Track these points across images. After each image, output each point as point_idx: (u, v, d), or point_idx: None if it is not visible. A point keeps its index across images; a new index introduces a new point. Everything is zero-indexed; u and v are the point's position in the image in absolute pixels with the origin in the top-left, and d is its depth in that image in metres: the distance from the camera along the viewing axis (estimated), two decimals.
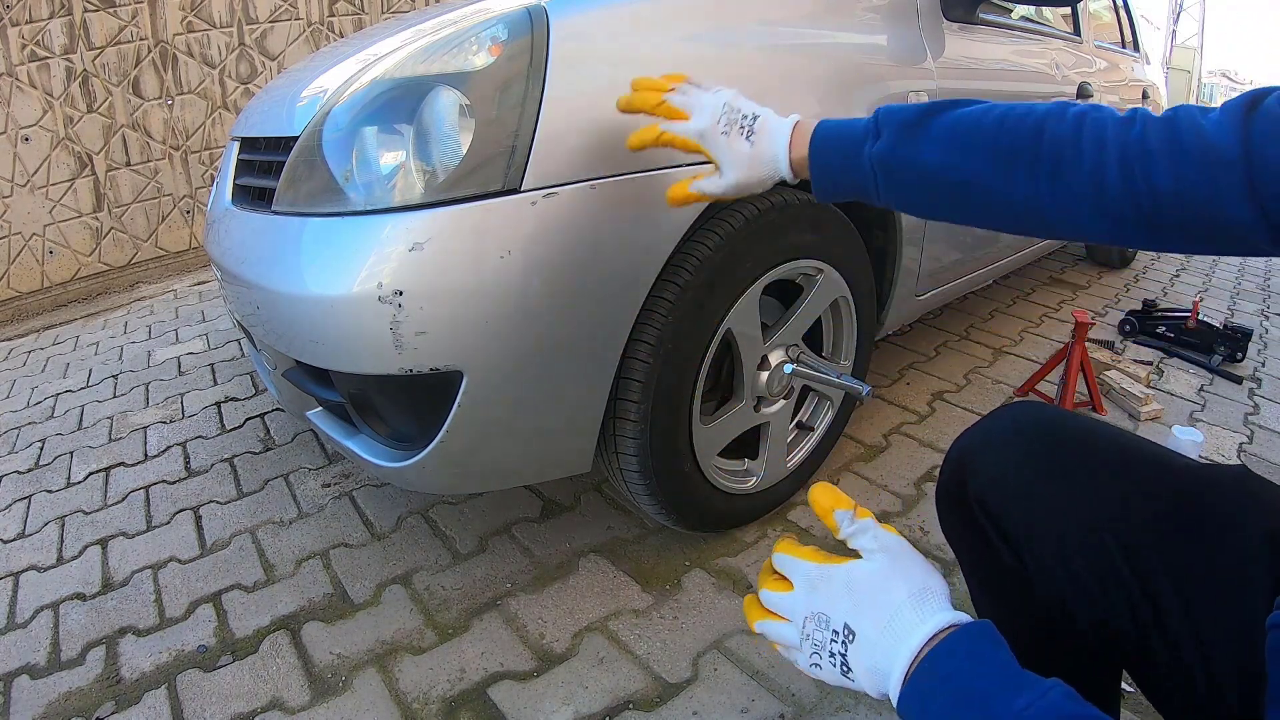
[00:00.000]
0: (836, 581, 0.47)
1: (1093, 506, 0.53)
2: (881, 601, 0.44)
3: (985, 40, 1.58)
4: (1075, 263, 3.12)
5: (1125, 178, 0.50)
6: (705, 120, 0.70)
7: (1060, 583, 0.54)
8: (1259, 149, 0.44)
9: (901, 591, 0.44)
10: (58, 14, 3.01)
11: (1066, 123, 0.53)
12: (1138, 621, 0.52)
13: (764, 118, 0.69)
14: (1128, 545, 0.52)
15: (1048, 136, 0.53)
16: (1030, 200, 0.54)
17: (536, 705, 0.95)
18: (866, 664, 0.44)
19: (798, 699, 0.94)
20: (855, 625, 0.44)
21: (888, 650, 0.43)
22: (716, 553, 1.22)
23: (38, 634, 1.14)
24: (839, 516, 0.48)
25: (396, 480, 0.98)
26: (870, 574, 0.46)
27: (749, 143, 0.68)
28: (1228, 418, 1.78)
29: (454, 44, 0.88)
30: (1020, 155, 0.54)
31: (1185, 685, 0.51)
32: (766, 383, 1.16)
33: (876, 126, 0.62)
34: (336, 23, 3.82)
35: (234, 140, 1.26)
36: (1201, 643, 0.49)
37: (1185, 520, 0.52)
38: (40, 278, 3.16)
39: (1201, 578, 0.50)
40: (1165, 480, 0.54)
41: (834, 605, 0.46)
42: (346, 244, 0.84)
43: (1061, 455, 0.56)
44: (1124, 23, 2.89)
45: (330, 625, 1.10)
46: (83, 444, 1.76)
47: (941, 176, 0.58)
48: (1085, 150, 0.52)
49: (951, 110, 0.59)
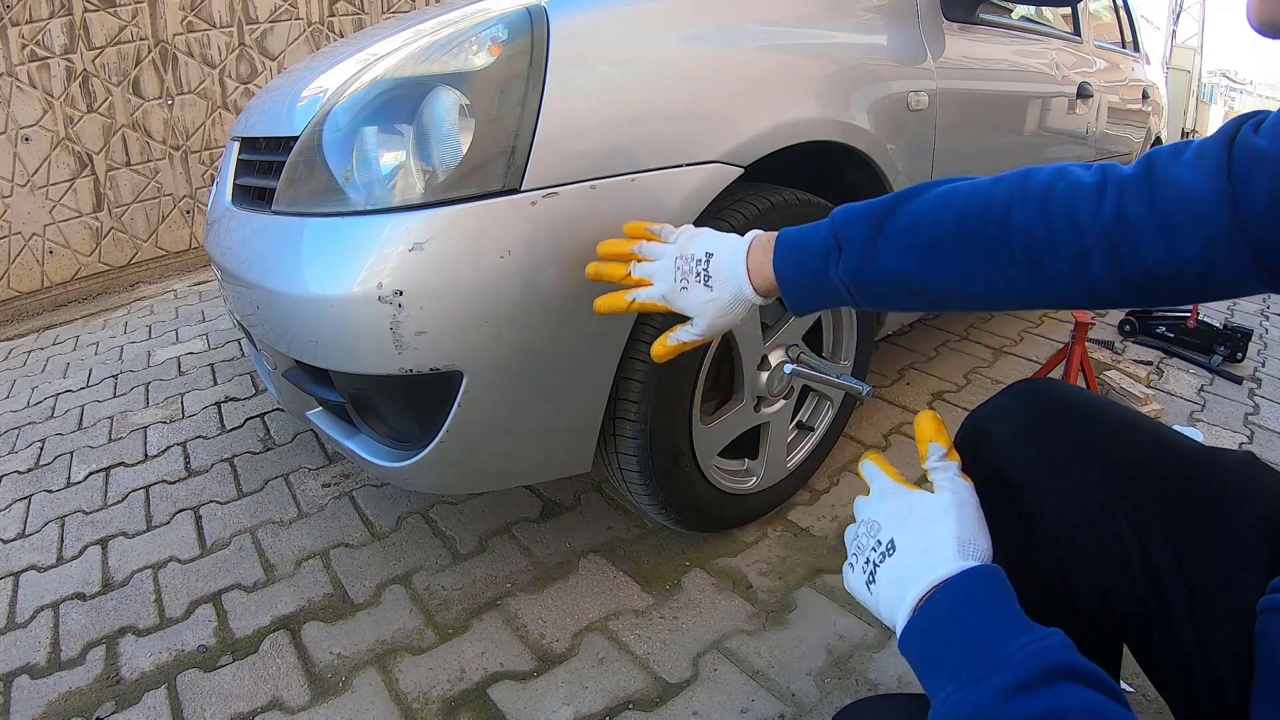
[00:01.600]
0: (901, 500, 0.50)
1: (1101, 481, 0.54)
2: (930, 531, 0.47)
3: (985, 40, 1.58)
4: None
5: (1112, 263, 0.49)
6: (665, 284, 0.71)
7: (1066, 554, 0.55)
8: (1243, 190, 0.43)
9: (950, 530, 0.46)
10: (58, 14, 3.01)
11: (1031, 208, 0.51)
12: (1139, 597, 0.52)
13: (717, 256, 0.68)
14: (1134, 521, 0.52)
15: (1017, 229, 0.52)
16: (1012, 291, 0.54)
17: (536, 705, 0.95)
18: (891, 582, 0.46)
19: (798, 699, 0.94)
20: (899, 542, 0.47)
21: (914, 575, 0.45)
22: (716, 553, 1.22)
23: (38, 634, 1.14)
24: (932, 448, 0.51)
25: (396, 480, 0.98)
26: (932, 505, 0.49)
27: (709, 289, 0.68)
28: (1228, 418, 1.78)
29: (454, 44, 0.88)
30: (993, 255, 0.53)
31: (1184, 666, 0.51)
32: (766, 383, 1.16)
33: (836, 241, 0.60)
34: (336, 23, 3.82)
35: (234, 140, 1.26)
36: (1199, 624, 0.50)
37: (1189, 500, 0.52)
38: (40, 278, 3.16)
39: (1202, 558, 0.51)
40: (1172, 460, 0.54)
41: (890, 518, 0.49)
42: (346, 244, 0.84)
43: (1073, 429, 0.57)
44: (1124, 23, 2.89)
45: (330, 625, 1.10)
46: (83, 444, 1.76)
47: (915, 283, 0.58)
48: (1060, 238, 0.50)
49: (907, 206, 0.57)
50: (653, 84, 0.94)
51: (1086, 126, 2.14)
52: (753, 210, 1.02)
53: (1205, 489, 0.52)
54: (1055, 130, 1.95)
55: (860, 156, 1.21)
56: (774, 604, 1.10)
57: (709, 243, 0.70)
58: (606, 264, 0.77)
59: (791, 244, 0.64)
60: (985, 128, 1.58)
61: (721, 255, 0.68)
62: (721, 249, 0.68)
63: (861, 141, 1.18)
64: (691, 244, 0.70)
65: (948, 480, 0.50)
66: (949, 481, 0.50)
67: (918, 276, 0.57)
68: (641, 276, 0.73)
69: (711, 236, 0.71)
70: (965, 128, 1.46)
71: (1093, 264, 0.49)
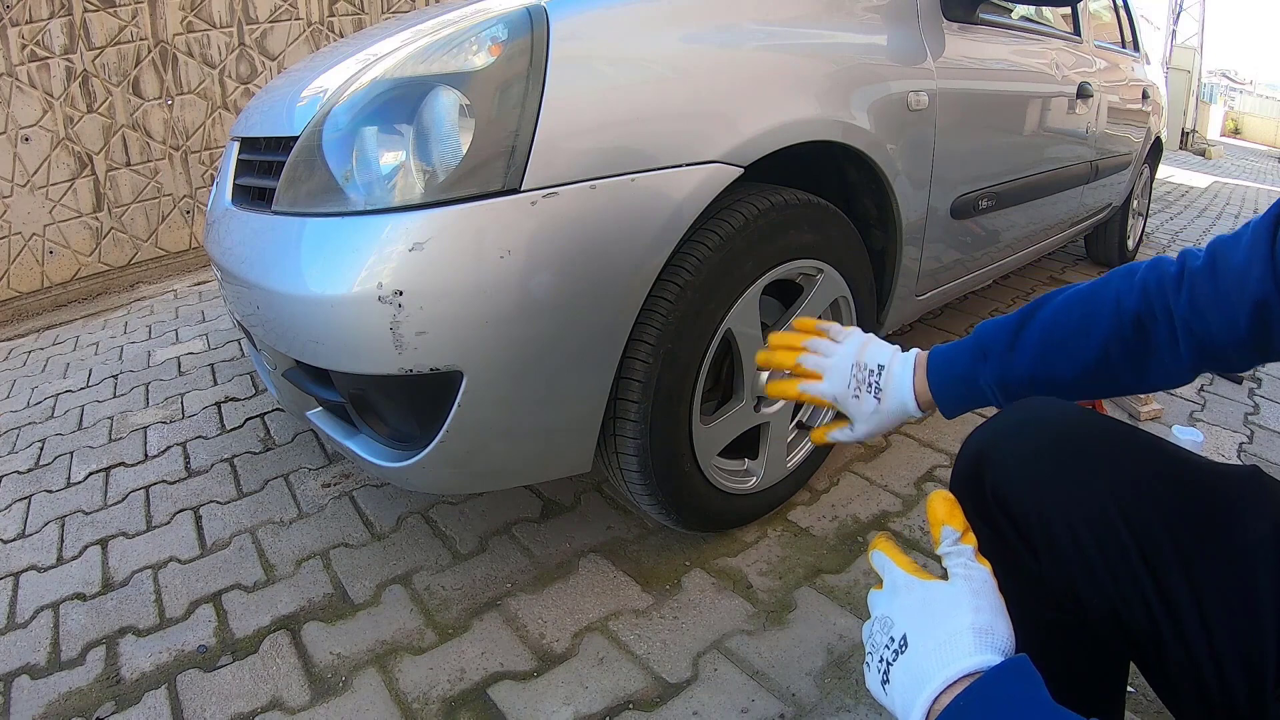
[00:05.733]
0: (915, 594, 0.48)
1: (1106, 498, 0.54)
2: (944, 624, 0.45)
3: (985, 40, 1.58)
4: (1075, 262, 3.12)
5: (1191, 343, 0.57)
6: (838, 385, 0.74)
7: (1073, 573, 0.55)
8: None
9: (966, 621, 0.44)
10: (58, 14, 3.01)
11: (1135, 297, 0.60)
12: (1150, 613, 0.52)
13: (889, 370, 0.72)
14: (1141, 537, 0.52)
15: (1127, 316, 0.60)
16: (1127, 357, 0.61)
17: (536, 705, 0.95)
18: (905, 681, 0.44)
19: (798, 699, 0.94)
20: (912, 639, 0.45)
21: (929, 672, 0.43)
22: (716, 553, 1.22)
23: (38, 634, 1.14)
24: (945, 531, 0.50)
25: (396, 480, 0.98)
26: (946, 596, 0.47)
27: (877, 399, 0.72)
28: (1228, 418, 1.78)
29: (454, 44, 0.88)
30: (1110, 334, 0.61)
31: (1195, 679, 0.51)
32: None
33: (982, 350, 0.68)
34: (336, 23, 3.82)
35: (234, 140, 1.26)
36: (1211, 637, 0.49)
37: (1197, 515, 0.52)
38: (40, 278, 3.16)
39: (1212, 575, 0.50)
40: (1178, 476, 0.54)
41: (903, 614, 0.47)
42: (346, 244, 0.84)
43: (1076, 447, 0.56)
44: (1124, 23, 2.89)
45: (330, 625, 1.10)
46: (83, 444, 1.76)
47: (1053, 381, 0.64)
48: (1160, 321, 0.58)
49: (1040, 312, 0.66)
50: (653, 84, 0.94)
51: (1086, 126, 2.14)
52: (753, 210, 1.02)
53: (1212, 505, 0.52)
54: (1055, 130, 1.95)
55: (860, 156, 1.21)
56: (774, 604, 1.10)
57: (880, 354, 0.74)
58: (777, 352, 0.80)
59: (944, 361, 0.71)
60: (985, 128, 1.58)
61: (893, 369, 0.72)
62: (893, 363, 0.73)
63: (861, 141, 1.18)
64: (864, 352, 0.74)
65: (962, 566, 0.48)
66: (963, 567, 0.48)
67: (1053, 363, 0.64)
68: (811, 369, 0.77)
69: (879, 347, 0.75)
70: (965, 128, 1.46)
71: (1180, 345, 0.57)
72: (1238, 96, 27.02)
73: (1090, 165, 2.22)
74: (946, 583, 0.48)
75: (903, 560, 0.51)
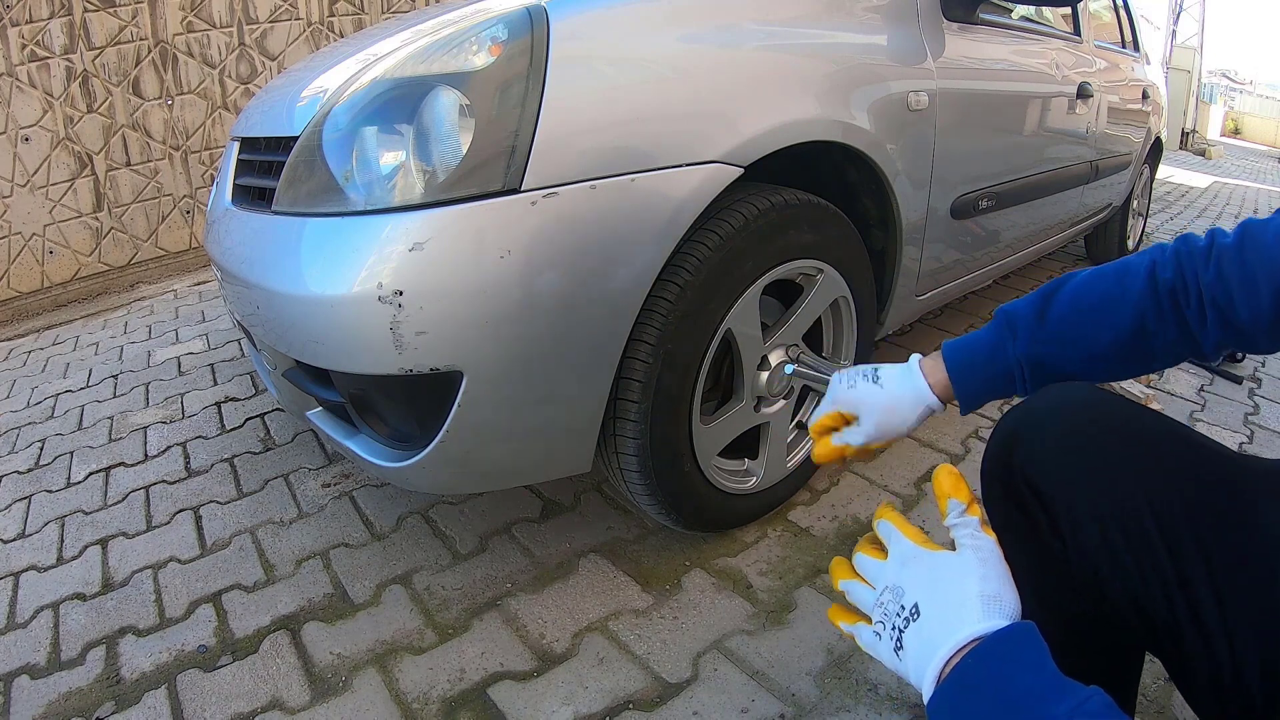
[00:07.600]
0: (924, 563, 0.49)
1: (1133, 485, 0.54)
2: (954, 592, 0.46)
3: (985, 40, 1.58)
4: (1075, 263, 3.12)
5: (1216, 316, 0.56)
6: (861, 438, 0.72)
7: (1097, 559, 0.55)
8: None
9: (974, 589, 0.45)
10: (58, 14, 3.01)
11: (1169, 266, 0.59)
12: (1170, 603, 0.52)
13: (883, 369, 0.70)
14: (1165, 528, 0.52)
15: (1162, 284, 0.59)
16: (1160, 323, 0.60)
17: (536, 705, 0.95)
18: (917, 647, 0.45)
19: (798, 699, 0.94)
20: (923, 607, 0.46)
21: (939, 637, 0.44)
22: (716, 553, 1.22)
23: (38, 634, 1.14)
24: (951, 504, 0.50)
25: (396, 480, 0.98)
26: (955, 565, 0.48)
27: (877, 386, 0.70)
28: (1228, 418, 1.78)
29: (454, 44, 0.88)
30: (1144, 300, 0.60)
31: (1213, 670, 0.51)
32: (766, 383, 1.16)
33: (1010, 326, 0.66)
34: (336, 23, 3.82)
35: (234, 140, 1.26)
36: (1231, 634, 0.50)
37: (1221, 508, 0.52)
38: (40, 278, 3.16)
39: (1234, 567, 0.51)
40: (1204, 467, 0.54)
41: (913, 583, 0.48)
42: (346, 244, 0.84)
43: (1108, 435, 0.57)
44: (1124, 23, 2.89)
45: (330, 625, 1.10)
46: (83, 444, 1.76)
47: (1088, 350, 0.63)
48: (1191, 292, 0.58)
49: (1066, 285, 0.65)
50: (653, 84, 0.94)
51: (1086, 126, 2.14)
52: (753, 210, 1.02)
53: (1237, 497, 0.52)
54: (1055, 130, 1.95)
55: (860, 156, 1.21)
56: (774, 604, 1.10)
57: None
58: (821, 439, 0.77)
59: (960, 345, 0.69)
60: (985, 128, 1.58)
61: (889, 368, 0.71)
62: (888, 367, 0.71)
63: (861, 141, 1.18)
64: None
65: (969, 536, 0.49)
66: (970, 538, 0.49)
67: (1086, 330, 0.63)
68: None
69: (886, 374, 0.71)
70: (965, 128, 1.46)
71: (1209, 318, 0.57)
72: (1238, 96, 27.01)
73: (1090, 165, 2.22)
74: (954, 553, 0.49)
75: (909, 530, 0.52)
